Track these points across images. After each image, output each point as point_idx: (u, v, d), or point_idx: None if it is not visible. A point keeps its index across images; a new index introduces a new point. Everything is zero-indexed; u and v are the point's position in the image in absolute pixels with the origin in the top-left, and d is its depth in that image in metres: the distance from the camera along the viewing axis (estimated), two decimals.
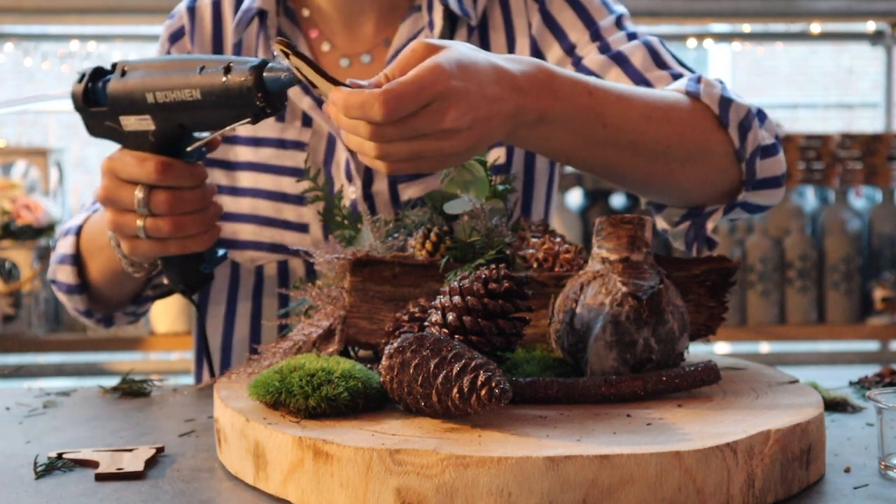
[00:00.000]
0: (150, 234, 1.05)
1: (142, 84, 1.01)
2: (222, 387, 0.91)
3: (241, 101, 0.97)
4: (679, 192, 1.08)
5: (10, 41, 3.87)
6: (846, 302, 3.37)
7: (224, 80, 0.97)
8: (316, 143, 1.26)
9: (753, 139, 1.05)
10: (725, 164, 1.05)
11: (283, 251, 1.26)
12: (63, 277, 1.25)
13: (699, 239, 1.12)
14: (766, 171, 1.09)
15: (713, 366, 0.86)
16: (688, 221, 1.12)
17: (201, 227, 1.07)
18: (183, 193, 1.04)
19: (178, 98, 0.99)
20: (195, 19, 1.32)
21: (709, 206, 1.10)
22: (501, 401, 0.73)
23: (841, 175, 3.37)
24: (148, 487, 0.79)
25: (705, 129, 1.04)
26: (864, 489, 0.77)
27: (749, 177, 1.06)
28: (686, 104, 1.03)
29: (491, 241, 0.98)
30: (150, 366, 3.39)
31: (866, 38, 3.88)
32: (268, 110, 0.97)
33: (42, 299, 3.22)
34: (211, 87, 0.98)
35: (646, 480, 0.68)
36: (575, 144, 0.96)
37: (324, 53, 1.28)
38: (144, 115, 1.02)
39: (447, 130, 0.84)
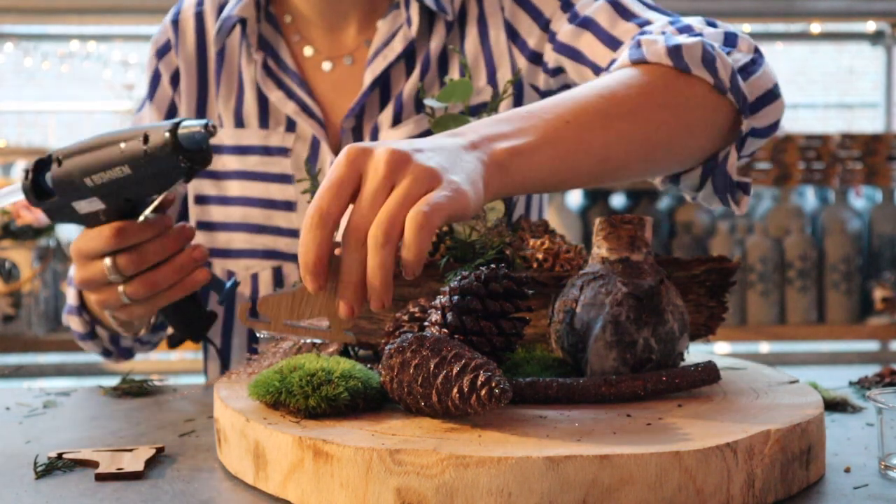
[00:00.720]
0: (132, 299, 1.07)
1: (78, 170, 1.03)
2: (222, 387, 0.91)
3: (166, 164, 0.99)
4: (683, 153, 1.01)
5: (10, 41, 3.88)
6: (846, 302, 3.37)
7: (145, 150, 0.99)
8: (300, 148, 1.27)
9: (724, 66, 0.98)
10: (711, 102, 0.99)
11: (277, 257, 1.27)
12: (74, 327, 1.29)
13: (730, 187, 1.05)
14: (756, 88, 1.02)
15: (713, 366, 0.86)
16: (709, 177, 1.05)
17: (177, 275, 1.07)
18: (146, 248, 1.05)
19: (112, 177, 1.02)
20: (179, 32, 1.34)
21: (720, 152, 1.03)
22: (501, 401, 0.73)
23: (841, 175, 3.37)
24: (148, 487, 0.79)
25: (669, 87, 0.98)
26: (864, 489, 0.77)
27: (741, 102, 0.99)
28: (637, 76, 0.98)
29: (491, 241, 0.98)
30: (150, 366, 3.38)
31: (866, 38, 3.88)
32: (195, 167, 1.00)
33: (42, 299, 3.22)
34: (136, 159, 1.00)
35: (646, 480, 0.68)
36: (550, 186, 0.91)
37: (306, 58, 1.29)
38: (91, 198, 1.04)
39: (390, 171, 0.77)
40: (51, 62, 4.38)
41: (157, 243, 1.06)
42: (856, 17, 3.67)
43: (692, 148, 1.01)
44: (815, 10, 3.62)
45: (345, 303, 0.77)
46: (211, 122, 0.99)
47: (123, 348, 1.33)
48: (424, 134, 1.23)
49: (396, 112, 1.24)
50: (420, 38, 1.26)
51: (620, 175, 0.97)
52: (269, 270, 1.27)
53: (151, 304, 1.09)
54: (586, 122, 0.90)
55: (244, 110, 1.29)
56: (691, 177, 1.04)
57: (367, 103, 1.26)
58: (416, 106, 1.25)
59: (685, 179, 1.05)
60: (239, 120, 1.29)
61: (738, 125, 1.01)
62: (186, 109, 1.32)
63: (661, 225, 3.46)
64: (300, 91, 1.26)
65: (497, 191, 0.83)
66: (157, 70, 1.34)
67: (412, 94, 1.24)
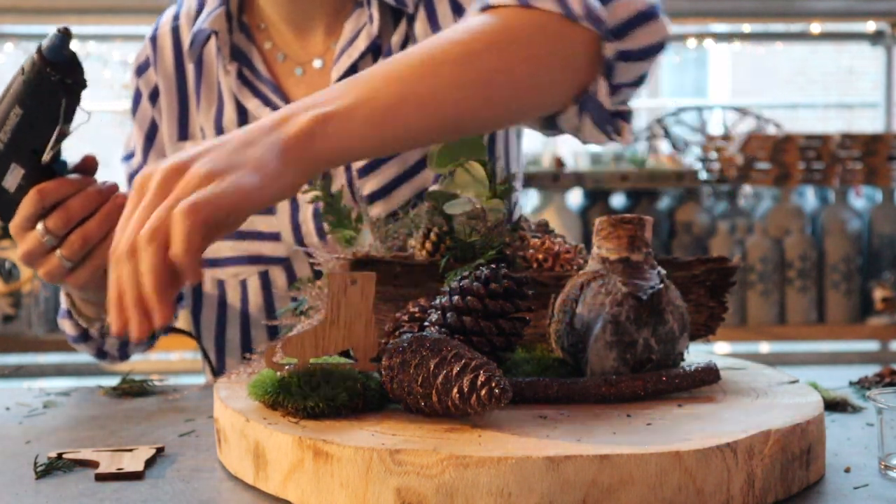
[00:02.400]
0: (70, 259, 1.07)
1: None
2: (222, 387, 0.91)
3: (44, 87, 1.00)
4: (538, 91, 0.97)
5: (10, 41, 3.87)
6: (846, 302, 3.37)
7: (23, 79, 1.01)
8: None
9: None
10: (562, 33, 0.95)
11: (263, 262, 1.28)
12: (68, 330, 1.30)
13: (606, 119, 1.01)
14: (620, 12, 0.98)
15: (713, 366, 0.86)
16: (586, 112, 1.01)
17: (107, 221, 1.07)
18: (70, 203, 1.05)
19: (13, 125, 1.03)
20: (157, 49, 1.34)
21: (588, 84, 0.99)
22: (501, 401, 0.73)
23: (841, 175, 3.37)
24: (148, 487, 0.79)
25: (509, 26, 0.94)
26: (864, 489, 0.77)
27: (598, 26, 0.95)
28: (478, 21, 0.94)
29: (491, 241, 0.98)
30: (150, 366, 3.39)
31: (866, 38, 3.88)
32: (67, 80, 1.00)
33: (42, 299, 3.22)
34: (19, 93, 1.01)
35: (646, 480, 0.68)
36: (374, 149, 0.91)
37: (279, 64, 1.30)
38: (10, 166, 1.05)
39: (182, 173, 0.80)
40: None
41: (80, 197, 1.06)
42: (856, 17, 3.67)
43: (547, 84, 0.97)
44: (815, 10, 3.62)
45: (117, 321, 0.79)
46: (64, 26, 1.00)
47: (120, 350, 1.34)
48: None
49: None
50: (384, 34, 1.26)
51: (465, 125, 0.94)
52: (256, 276, 1.28)
53: (91, 264, 1.08)
54: (409, 74, 0.89)
55: (224, 121, 1.30)
56: (568, 116, 1.01)
57: None
58: None
59: (562, 120, 1.02)
60: (220, 130, 1.30)
61: (602, 51, 0.97)
62: (168, 125, 1.33)
63: (661, 225, 3.46)
64: (275, 97, 1.27)
65: (307, 164, 0.84)
66: (137, 89, 1.36)
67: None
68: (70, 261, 1.07)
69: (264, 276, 1.28)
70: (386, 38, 1.26)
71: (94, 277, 1.11)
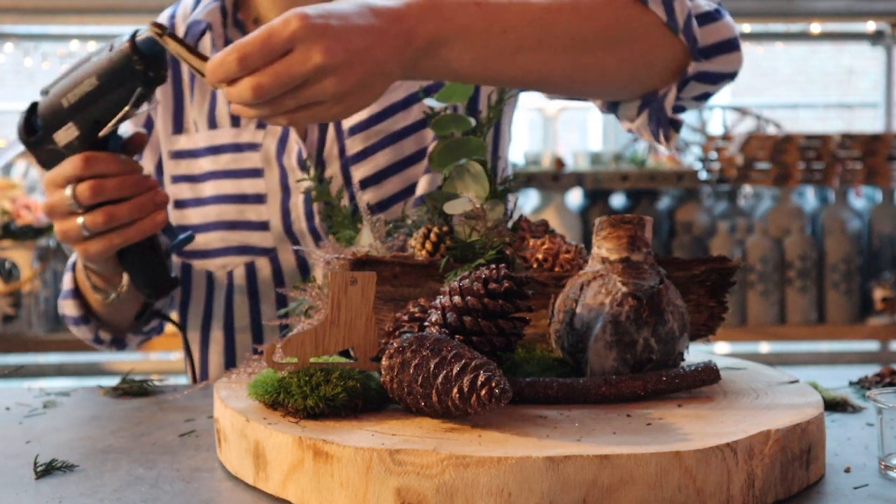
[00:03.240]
0: (90, 230, 1.09)
1: (57, 93, 1.09)
2: (222, 387, 0.91)
3: (126, 72, 1.04)
4: (617, 80, 1.04)
5: (10, 41, 3.87)
6: (846, 302, 3.37)
7: (109, 56, 1.05)
8: (269, 142, 1.28)
9: (682, 8, 1.01)
10: (658, 39, 1.01)
11: (250, 252, 1.29)
12: (69, 311, 1.31)
13: (663, 124, 1.08)
14: (711, 36, 1.04)
15: (713, 366, 0.86)
16: (646, 110, 1.07)
17: (136, 212, 1.10)
18: (105, 181, 1.08)
19: (83, 91, 1.07)
20: None
21: (661, 88, 1.06)
22: (501, 401, 0.73)
23: (841, 175, 3.37)
24: (148, 487, 0.79)
25: (621, 9, 1.00)
26: (864, 489, 0.77)
27: (691, 44, 1.02)
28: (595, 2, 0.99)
29: (491, 241, 0.98)
30: (150, 366, 3.39)
31: (866, 38, 3.88)
32: (149, 73, 1.04)
33: (42, 299, 3.22)
34: (101, 68, 1.05)
35: (646, 480, 0.68)
36: (482, 61, 0.94)
37: None
38: (68, 124, 1.09)
39: (321, 68, 0.84)
40: (51, 62, 4.37)
41: (119, 179, 1.09)
42: (856, 17, 3.67)
43: (630, 81, 1.04)
44: (815, 10, 3.63)
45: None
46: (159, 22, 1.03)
47: (116, 338, 1.34)
48: (385, 110, 1.26)
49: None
50: None
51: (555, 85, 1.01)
52: (242, 267, 1.29)
53: (108, 240, 1.10)
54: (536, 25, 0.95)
55: (217, 112, 1.31)
56: (629, 107, 1.08)
57: None
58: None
59: (623, 108, 1.09)
60: (212, 122, 1.31)
61: (686, 67, 1.04)
62: (163, 119, 1.34)
63: (661, 225, 3.46)
64: None
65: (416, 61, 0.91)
66: None
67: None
68: (88, 231, 1.09)
69: (250, 266, 1.29)
70: None
71: (104, 253, 1.13)
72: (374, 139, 1.25)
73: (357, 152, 1.25)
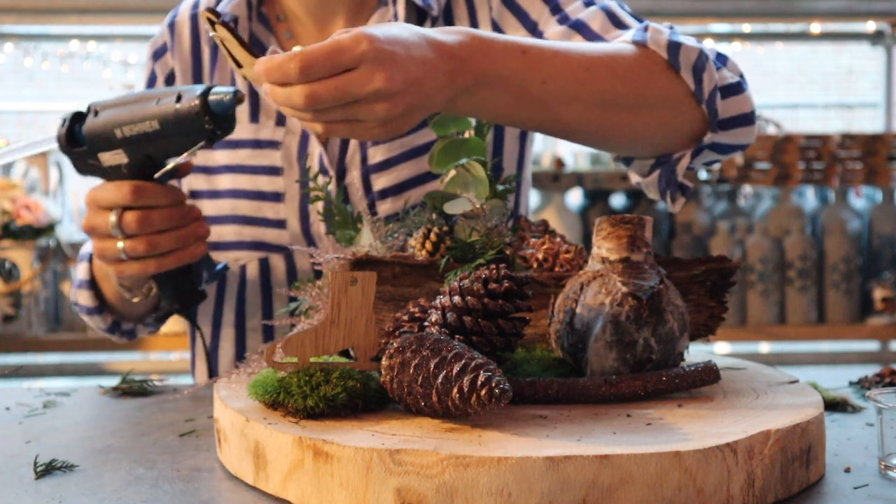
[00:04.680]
0: (129, 255, 1.10)
1: (111, 121, 1.09)
2: (222, 387, 0.91)
3: (192, 125, 1.04)
4: (640, 140, 1.06)
5: (10, 41, 3.87)
6: (846, 302, 3.37)
7: (176, 108, 1.04)
8: (290, 141, 1.29)
9: (710, 79, 1.04)
10: (683, 108, 1.04)
11: (264, 248, 1.30)
12: (83, 301, 1.31)
13: (671, 186, 1.10)
14: (731, 109, 1.07)
15: (713, 366, 0.86)
16: (658, 170, 1.10)
17: (176, 243, 1.11)
18: (152, 213, 1.09)
19: (141, 130, 1.07)
20: (175, 34, 1.36)
21: (676, 153, 1.08)
22: (501, 401, 0.73)
23: (841, 175, 3.37)
24: (148, 487, 0.79)
25: (654, 74, 1.02)
26: (864, 489, 0.77)
27: (712, 117, 1.04)
28: (631, 52, 1.02)
29: (491, 241, 0.98)
30: (150, 366, 3.39)
31: (866, 38, 3.88)
32: (217, 132, 1.05)
33: (42, 299, 3.22)
34: (166, 116, 1.05)
35: (646, 480, 0.68)
36: (517, 105, 0.96)
37: None
38: (117, 150, 1.09)
39: (379, 92, 0.85)
40: (51, 62, 4.37)
41: (165, 212, 1.10)
42: (856, 17, 3.67)
43: (651, 142, 1.06)
44: (815, 10, 3.62)
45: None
46: (239, 90, 1.04)
47: (128, 329, 1.34)
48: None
49: None
50: None
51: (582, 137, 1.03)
52: (255, 262, 1.29)
53: (144, 266, 1.12)
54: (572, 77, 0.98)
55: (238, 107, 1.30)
56: (643, 163, 1.10)
57: None
58: None
59: (636, 164, 1.11)
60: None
61: (703, 135, 1.07)
62: None
63: (661, 225, 3.46)
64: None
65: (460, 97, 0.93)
66: (153, 72, 1.38)
67: None
68: (127, 255, 1.10)
69: (264, 262, 1.30)
70: None
71: (139, 277, 1.15)
72: (396, 151, 1.25)
73: (379, 162, 1.25)
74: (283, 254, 1.28)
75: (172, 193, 1.11)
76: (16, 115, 5.50)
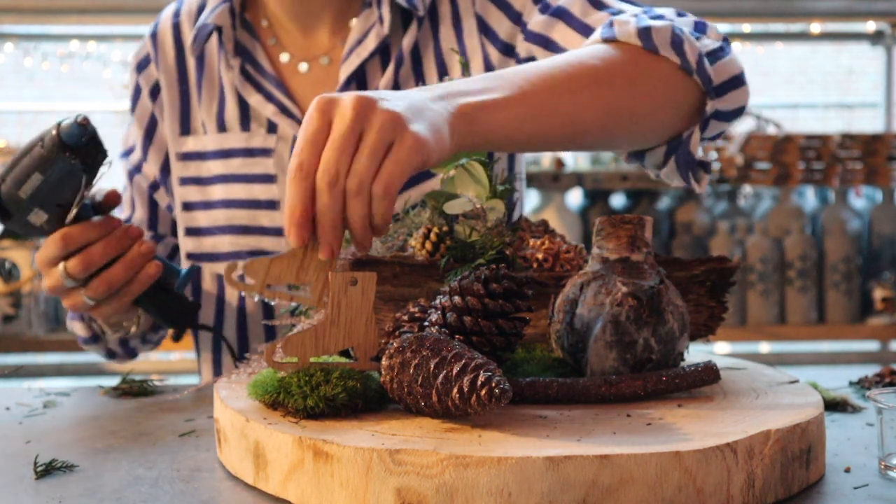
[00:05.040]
0: (95, 299, 1.11)
1: (12, 186, 1.06)
2: (222, 387, 0.91)
3: (63, 166, 1.03)
4: (648, 123, 1.04)
5: (10, 41, 3.87)
6: (846, 302, 3.36)
7: (42, 153, 1.03)
8: (282, 148, 1.28)
9: (692, 49, 1.02)
10: (676, 82, 1.03)
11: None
12: (78, 331, 1.32)
13: (691, 166, 1.09)
14: (722, 73, 1.05)
15: (713, 366, 0.86)
16: (672, 156, 1.09)
17: (130, 268, 1.11)
18: (90, 251, 1.09)
19: (34, 186, 1.05)
20: (158, 45, 1.36)
21: (685, 132, 1.07)
22: (501, 401, 0.73)
23: (841, 175, 3.37)
24: (148, 487, 0.79)
25: (636, 56, 1.01)
26: (864, 489, 0.77)
27: (706, 84, 1.03)
28: (606, 51, 1.01)
29: (491, 241, 0.98)
30: (150, 366, 3.38)
31: (866, 38, 3.88)
32: (87, 161, 1.03)
33: (42, 299, 3.22)
34: (41, 164, 1.04)
35: (646, 480, 0.68)
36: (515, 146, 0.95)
37: (283, 64, 1.31)
38: (33, 210, 1.07)
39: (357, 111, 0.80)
40: (51, 62, 4.37)
41: (101, 244, 1.10)
42: (856, 17, 3.67)
43: (656, 124, 1.04)
44: (815, 10, 3.62)
45: (325, 244, 0.81)
46: (82, 115, 1.02)
47: (129, 349, 1.35)
48: None
49: None
50: (393, 34, 1.27)
51: (585, 141, 1.00)
52: None
53: (117, 302, 1.13)
54: (553, 86, 0.94)
55: (226, 115, 1.30)
56: (655, 154, 1.08)
57: None
58: None
59: (649, 156, 1.09)
60: (221, 125, 1.30)
61: (703, 106, 1.05)
62: (169, 120, 1.34)
63: (661, 225, 3.46)
64: (278, 93, 1.28)
65: (462, 140, 0.87)
66: (137, 84, 1.37)
67: (388, 89, 1.25)
68: (94, 300, 1.11)
69: None
70: (395, 40, 1.27)
71: (117, 312, 1.15)
72: None
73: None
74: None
75: (101, 225, 1.10)
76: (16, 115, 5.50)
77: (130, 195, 1.39)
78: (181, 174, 1.33)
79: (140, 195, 1.38)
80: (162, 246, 1.38)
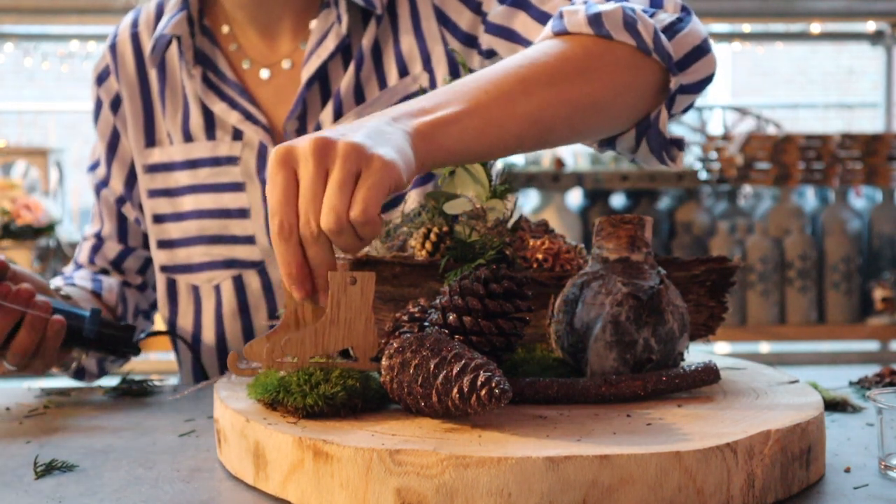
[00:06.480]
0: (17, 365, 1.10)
1: None
2: (222, 387, 0.91)
3: None
4: (613, 109, 1.02)
5: (10, 41, 3.88)
6: (846, 302, 3.37)
7: None
8: (248, 156, 1.27)
9: (646, 27, 1.00)
10: (636, 63, 1.00)
11: (237, 266, 1.28)
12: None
13: (664, 145, 1.06)
14: (683, 45, 1.03)
15: (713, 366, 0.86)
16: (643, 137, 1.06)
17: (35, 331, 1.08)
18: None
19: None
20: (117, 56, 1.34)
21: (652, 112, 1.04)
22: (501, 401, 0.73)
23: (841, 175, 3.37)
24: (148, 487, 0.79)
25: (591, 53, 0.99)
26: (864, 489, 0.77)
27: (667, 60, 1.01)
28: (558, 45, 0.99)
29: (491, 241, 0.98)
30: (150, 366, 3.38)
31: (866, 38, 3.89)
32: None
33: None
34: None
35: (646, 480, 0.68)
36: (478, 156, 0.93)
37: (245, 70, 1.30)
38: None
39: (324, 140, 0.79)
40: (51, 62, 4.38)
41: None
42: (856, 17, 3.68)
43: (621, 110, 1.02)
44: (815, 10, 3.63)
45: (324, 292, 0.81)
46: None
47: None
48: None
49: (336, 108, 1.25)
50: (353, 34, 1.26)
51: (550, 139, 0.99)
52: (229, 280, 1.28)
53: (40, 361, 1.11)
54: (508, 90, 0.93)
55: (191, 124, 1.29)
56: (626, 139, 1.06)
57: (309, 103, 1.26)
58: (355, 99, 1.25)
59: (620, 142, 1.07)
60: (187, 134, 1.30)
61: (667, 84, 1.03)
62: (133, 132, 1.33)
63: (661, 225, 3.46)
64: (242, 100, 1.27)
65: (425, 159, 0.86)
66: (98, 98, 1.36)
67: (350, 89, 1.25)
68: (16, 366, 1.10)
69: (238, 280, 1.28)
70: (355, 39, 1.26)
71: (47, 369, 1.14)
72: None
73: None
74: (255, 269, 1.27)
75: None
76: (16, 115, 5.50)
77: (99, 209, 1.38)
78: (149, 186, 1.32)
79: (108, 209, 1.37)
80: (133, 258, 1.38)
